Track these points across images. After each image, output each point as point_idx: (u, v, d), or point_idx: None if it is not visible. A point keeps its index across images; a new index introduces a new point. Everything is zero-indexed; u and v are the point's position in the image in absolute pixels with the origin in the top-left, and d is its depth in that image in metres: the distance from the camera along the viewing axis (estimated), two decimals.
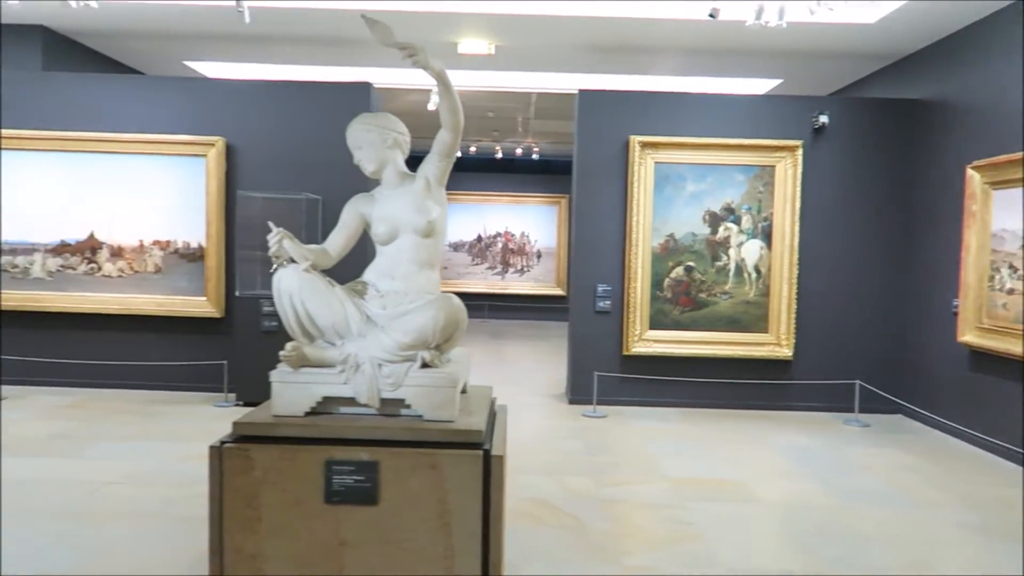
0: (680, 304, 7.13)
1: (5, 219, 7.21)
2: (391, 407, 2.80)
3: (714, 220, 7.09)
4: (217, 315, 7.19)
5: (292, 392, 2.78)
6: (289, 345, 2.78)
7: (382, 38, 2.74)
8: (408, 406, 2.79)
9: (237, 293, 6.79)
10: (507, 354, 10.61)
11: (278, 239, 2.81)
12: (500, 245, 14.61)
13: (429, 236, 3.01)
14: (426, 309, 2.81)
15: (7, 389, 7.01)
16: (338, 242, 3.06)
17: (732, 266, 7.11)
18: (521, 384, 8.25)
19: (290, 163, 7.08)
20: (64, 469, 4.93)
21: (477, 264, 14.62)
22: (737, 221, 7.08)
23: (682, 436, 6.24)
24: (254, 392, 6.55)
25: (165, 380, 7.27)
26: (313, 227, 6.83)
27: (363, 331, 2.83)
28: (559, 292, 14.36)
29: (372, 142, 3.03)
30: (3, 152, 7.15)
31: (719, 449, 5.86)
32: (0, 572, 3.33)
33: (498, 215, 14.62)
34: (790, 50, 7.61)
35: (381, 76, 8.97)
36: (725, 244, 7.10)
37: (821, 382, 7.14)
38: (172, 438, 5.73)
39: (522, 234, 14.61)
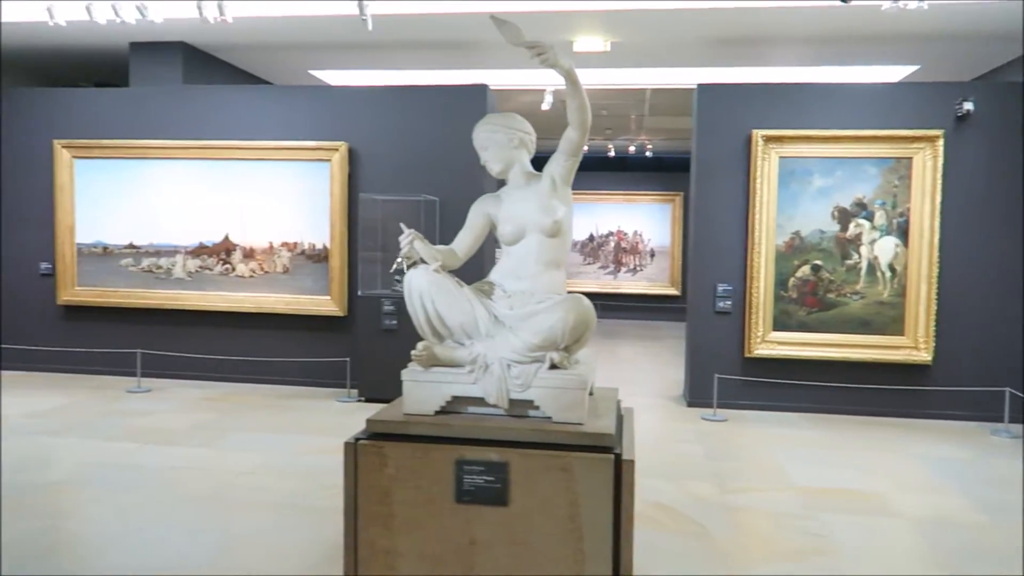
0: (806, 304, 6.81)
1: (152, 224, 7.75)
2: (519, 408, 2.79)
3: (844, 216, 6.73)
4: (340, 314, 7.45)
5: (422, 391, 2.82)
6: (420, 345, 2.82)
7: (511, 38, 2.73)
8: (537, 407, 2.77)
9: (359, 292, 7.00)
10: (622, 354, 10.48)
11: (410, 240, 2.85)
12: (612, 244, 14.44)
13: (555, 236, 2.97)
14: (555, 310, 2.77)
15: (153, 381, 7.53)
16: (466, 242, 3.07)
17: (864, 265, 6.72)
18: (637, 384, 8.12)
19: (409, 165, 7.25)
20: (203, 458, 5.23)
21: (589, 263, 14.51)
22: (870, 217, 6.69)
23: (810, 443, 5.96)
24: (375, 388, 6.74)
25: (292, 375, 7.60)
26: (431, 228, 6.96)
27: (491, 331, 2.82)
28: (673, 292, 14.06)
29: (498, 142, 3.03)
30: (148, 161, 7.69)
31: (851, 457, 5.55)
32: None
33: (610, 214, 14.44)
34: (930, 33, 7.11)
35: (496, 78, 9.04)
36: (856, 241, 6.72)
37: (964, 389, 6.63)
38: (300, 431, 5.97)
39: (635, 233, 14.38)
